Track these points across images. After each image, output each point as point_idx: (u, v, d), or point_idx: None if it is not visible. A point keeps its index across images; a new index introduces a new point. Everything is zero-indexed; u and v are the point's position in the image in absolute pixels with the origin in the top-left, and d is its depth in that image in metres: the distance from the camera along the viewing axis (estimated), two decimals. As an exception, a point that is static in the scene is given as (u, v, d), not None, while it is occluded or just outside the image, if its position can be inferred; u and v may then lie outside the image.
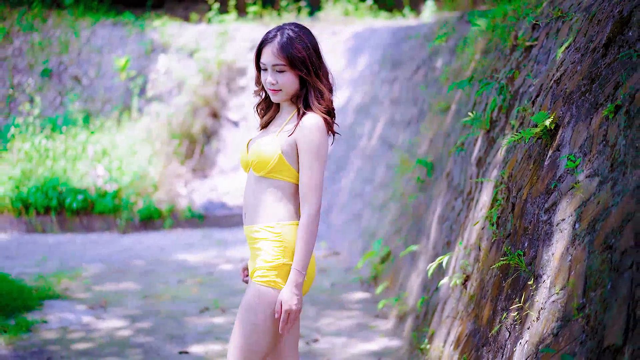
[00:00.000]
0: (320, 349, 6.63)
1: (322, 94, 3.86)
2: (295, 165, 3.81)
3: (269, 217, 3.81)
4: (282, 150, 3.80)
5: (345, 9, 16.47)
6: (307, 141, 3.76)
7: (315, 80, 3.85)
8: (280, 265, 3.74)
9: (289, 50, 3.80)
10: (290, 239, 3.77)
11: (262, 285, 3.74)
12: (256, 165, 3.84)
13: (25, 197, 12.25)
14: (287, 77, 3.83)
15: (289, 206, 3.83)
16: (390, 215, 8.70)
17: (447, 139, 7.22)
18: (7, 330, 6.98)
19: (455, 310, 5.16)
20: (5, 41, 16.19)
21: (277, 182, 3.82)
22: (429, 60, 9.42)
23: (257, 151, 3.84)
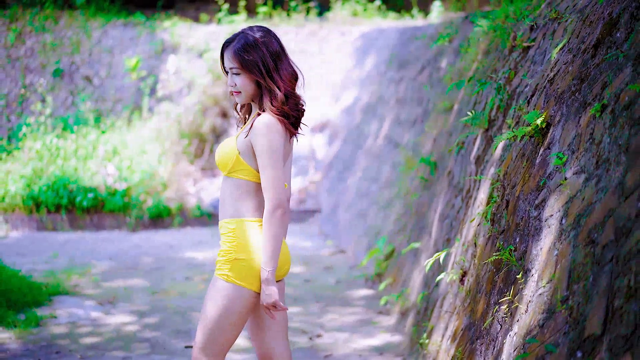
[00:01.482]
0: (323, 344, 6.75)
1: (275, 96, 3.95)
2: (253, 164, 3.95)
3: (228, 214, 3.98)
4: (239, 150, 3.95)
5: (354, 9, 16.58)
6: (259, 142, 3.88)
7: (269, 83, 3.95)
8: (232, 260, 3.90)
9: (241, 54, 3.94)
10: (243, 235, 3.92)
11: (217, 277, 3.94)
12: (219, 165, 4.03)
13: (36, 195, 12.41)
14: (242, 79, 3.97)
15: (249, 203, 3.97)
16: (394, 214, 8.81)
17: (450, 138, 7.33)
18: (17, 325, 7.12)
19: (453, 305, 5.28)
20: (18, 41, 16.36)
21: (238, 181, 3.97)
22: (434, 61, 9.52)
23: (219, 151, 4.04)
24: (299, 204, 13.45)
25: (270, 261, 3.84)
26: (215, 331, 3.93)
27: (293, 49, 15.85)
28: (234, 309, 3.90)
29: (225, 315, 3.90)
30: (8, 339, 6.83)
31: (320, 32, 15.94)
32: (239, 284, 3.88)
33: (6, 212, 12.45)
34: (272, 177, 3.86)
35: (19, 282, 8.06)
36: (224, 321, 3.91)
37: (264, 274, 3.84)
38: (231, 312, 3.90)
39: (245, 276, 3.88)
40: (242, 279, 3.88)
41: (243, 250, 3.90)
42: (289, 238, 11.74)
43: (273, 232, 3.84)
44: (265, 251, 3.85)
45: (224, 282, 3.90)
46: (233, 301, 3.89)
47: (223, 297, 3.89)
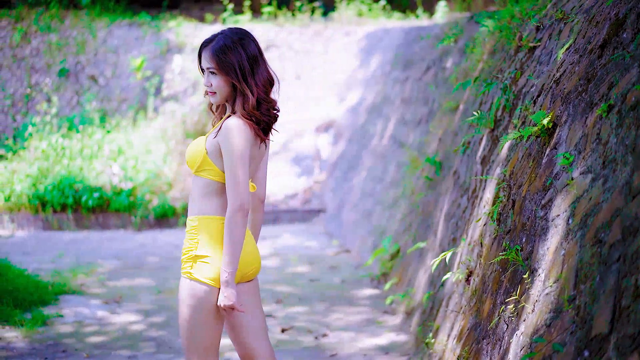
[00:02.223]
0: (328, 344, 6.77)
1: (248, 100, 3.95)
2: (220, 164, 3.95)
3: (194, 212, 3.99)
4: (207, 150, 3.97)
5: (359, 9, 16.60)
6: (225, 143, 3.89)
7: (244, 87, 3.95)
8: (192, 257, 3.91)
9: (219, 55, 3.94)
10: (205, 232, 3.92)
11: (183, 275, 3.95)
12: (188, 163, 4.06)
13: (42, 194, 12.45)
14: (218, 80, 3.96)
15: (212, 202, 3.97)
16: (400, 213, 8.82)
17: (455, 137, 7.34)
18: (23, 324, 7.14)
19: (459, 305, 5.29)
20: (23, 41, 16.40)
21: (204, 180, 3.98)
22: (439, 61, 9.54)
23: (189, 150, 4.06)
24: (304, 203, 13.46)
25: (230, 263, 3.83)
26: (192, 330, 3.93)
27: (298, 49, 15.88)
28: (201, 306, 3.89)
29: (195, 313, 3.90)
30: (15, 337, 6.85)
31: (325, 32, 15.96)
32: (202, 281, 3.87)
33: (12, 212, 12.49)
34: (235, 179, 3.87)
35: (25, 281, 8.09)
36: (196, 319, 3.91)
37: (223, 276, 3.84)
38: (199, 310, 3.90)
39: (208, 273, 3.88)
40: (204, 276, 3.88)
41: (204, 247, 3.90)
42: (295, 237, 11.77)
43: (233, 233, 3.83)
44: (225, 253, 3.84)
45: (187, 280, 3.91)
46: (199, 299, 3.88)
47: (189, 296, 3.90)
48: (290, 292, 8.56)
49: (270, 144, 14.90)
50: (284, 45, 15.93)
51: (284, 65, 15.69)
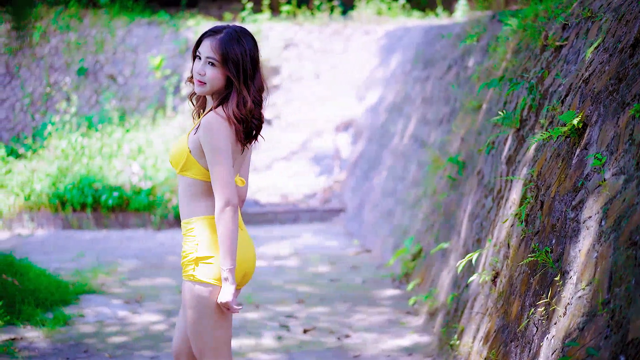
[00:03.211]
0: (351, 344, 6.73)
1: (246, 103, 3.89)
2: (202, 161, 3.90)
3: (187, 214, 3.95)
4: (190, 148, 3.90)
5: (379, 8, 16.54)
6: (206, 141, 3.84)
7: (242, 87, 3.90)
8: (194, 259, 3.89)
9: (226, 48, 3.88)
10: (203, 233, 3.89)
11: (185, 280, 3.92)
12: (172, 163, 3.99)
13: (62, 193, 12.45)
14: (215, 72, 3.89)
15: (202, 202, 3.92)
16: (422, 213, 8.77)
17: (479, 137, 7.28)
18: (45, 324, 7.14)
19: (485, 307, 5.23)
20: (42, 40, 16.43)
21: (190, 180, 3.92)
22: (460, 60, 9.47)
23: (172, 149, 4.00)
24: (324, 203, 13.42)
25: (226, 260, 3.81)
26: (205, 333, 3.90)
27: (317, 48, 15.84)
28: (209, 307, 3.86)
29: (204, 315, 3.87)
30: (37, 337, 6.85)
31: (345, 31, 15.91)
32: (206, 282, 3.85)
33: (32, 211, 12.50)
34: (219, 175, 3.83)
35: (46, 280, 8.09)
36: (207, 321, 3.88)
37: (223, 274, 3.82)
38: (208, 311, 3.87)
39: (211, 273, 3.86)
40: (208, 276, 3.85)
41: (205, 248, 3.88)
42: (315, 237, 11.73)
43: (225, 230, 3.81)
44: (222, 251, 3.82)
45: (190, 284, 3.89)
46: (205, 299, 3.86)
47: (195, 298, 3.87)
48: (311, 292, 8.53)
49: (290, 143, 14.92)
50: (303, 44, 15.89)
51: (303, 64, 15.66)
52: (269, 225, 12.78)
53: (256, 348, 6.66)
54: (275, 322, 7.40)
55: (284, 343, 6.80)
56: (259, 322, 7.42)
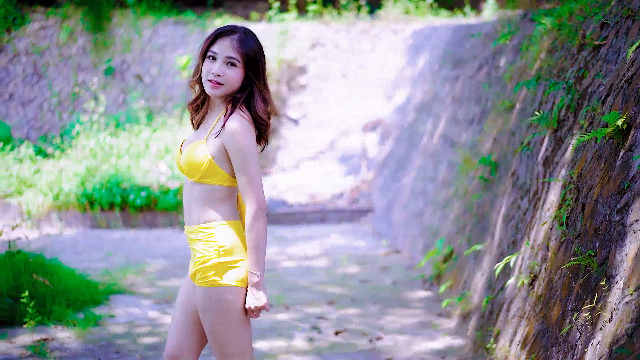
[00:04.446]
0: (383, 347, 6.67)
1: (267, 102, 3.88)
2: (225, 167, 3.82)
3: (204, 219, 3.85)
4: (211, 154, 3.81)
5: (406, 7, 16.46)
6: (236, 145, 3.76)
7: (262, 87, 3.87)
8: (215, 264, 3.79)
9: (247, 48, 3.82)
10: (226, 238, 3.82)
11: (205, 286, 3.82)
12: (188, 172, 3.86)
13: (90, 193, 12.47)
14: (235, 73, 3.81)
15: (225, 207, 3.86)
16: (452, 214, 8.69)
17: (512, 137, 7.20)
18: (76, 324, 7.13)
19: (522, 310, 5.16)
20: (70, 40, 16.49)
21: (210, 187, 3.83)
22: (492, 59, 9.38)
23: (188, 157, 3.85)
24: (351, 203, 13.37)
25: (259, 265, 3.78)
26: (230, 340, 3.84)
27: (344, 47, 15.78)
28: (234, 308, 3.81)
29: (229, 318, 3.81)
30: (68, 337, 6.84)
31: (372, 30, 15.85)
32: (228, 284, 3.79)
33: (60, 210, 12.52)
34: (252, 179, 3.77)
35: (76, 281, 8.08)
36: (232, 323, 3.82)
37: (253, 278, 3.78)
38: (233, 313, 3.81)
39: (232, 275, 3.80)
40: (232, 280, 3.79)
41: (226, 254, 3.81)
42: (343, 237, 11.68)
43: (259, 235, 3.77)
44: (253, 256, 3.77)
45: (213, 289, 3.80)
46: (230, 302, 3.80)
47: (219, 302, 3.80)
48: (341, 293, 8.47)
49: (317, 143, 14.87)
50: (330, 43, 15.84)
51: (329, 63, 15.61)
52: (297, 225, 12.74)
53: (288, 350, 6.62)
54: (306, 324, 7.35)
55: (316, 345, 6.75)
56: (290, 323, 7.38)
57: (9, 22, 16.73)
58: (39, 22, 16.86)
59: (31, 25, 16.80)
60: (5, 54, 16.69)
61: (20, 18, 16.82)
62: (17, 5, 16.91)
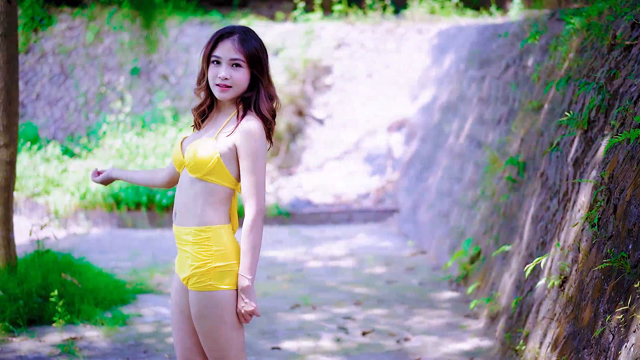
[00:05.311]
0: (411, 348, 6.65)
1: (272, 98, 3.86)
2: (231, 168, 3.79)
3: (200, 221, 3.80)
4: (220, 152, 3.78)
5: (431, 7, 16.42)
6: (249, 146, 3.74)
7: (267, 83, 3.86)
8: (211, 269, 3.76)
9: (249, 47, 3.80)
10: (220, 243, 3.78)
11: (200, 291, 3.79)
12: (193, 167, 3.81)
13: (116, 193, 12.53)
14: (241, 73, 3.80)
15: (221, 210, 3.82)
16: (480, 215, 8.66)
17: (540, 138, 7.16)
18: (104, 323, 7.16)
19: (552, 312, 5.13)
20: (96, 40, 16.58)
21: (212, 186, 3.79)
22: (519, 59, 9.34)
23: (195, 152, 3.80)
24: (377, 203, 13.35)
25: (251, 269, 3.75)
26: (225, 343, 3.81)
27: (369, 47, 15.76)
28: (229, 312, 3.79)
29: (224, 323, 3.79)
30: (96, 337, 6.87)
31: (397, 30, 15.82)
32: (225, 287, 3.76)
33: (87, 210, 12.60)
34: (258, 182, 3.74)
35: (104, 280, 8.12)
36: (228, 329, 3.80)
37: (244, 282, 3.75)
38: (228, 316, 3.79)
39: (226, 279, 3.77)
40: (223, 282, 3.76)
41: (221, 258, 3.77)
42: (369, 237, 11.67)
43: (256, 238, 3.74)
44: (247, 259, 3.74)
45: (208, 293, 3.77)
46: (226, 305, 3.78)
47: (215, 307, 3.77)
48: (368, 293, 8.46)
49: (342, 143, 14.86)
50: (355, 43, 15.83)
51: (355, 63, 15.60)
52: (323, 225, 12.75)
53: (315, 350, 6.62)
54: (333, 324, 7.35)
55: (343, 345, 6.74)
56: (317, 323, 7.38)
57: (36, 23, 16.85)
58: (66, 22, 16.97)
59: (58, 25, 16.91)
60: (32, 54, 16.81)
61: (47, 18, 16.94)
62: (44, 6, 17.03)
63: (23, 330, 6.88)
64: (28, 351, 6.44)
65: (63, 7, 17.15)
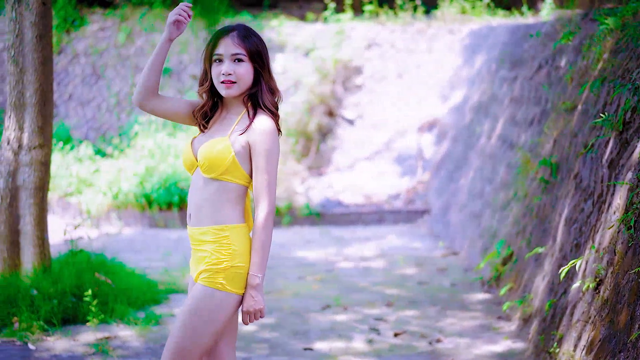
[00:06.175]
0: (443, 349, 6.64)
1: (273, 92, 3.88)
2: (245, 166, 3.80)
3: (216, 220, 3.81)
4: (234, 151, 3.78)
5: (462, 7, 16.37)
6: (262, 145, 3.75)
7: (268, 77, 3.88)
8: (227, 268, 3.76)
9: (249, 41, 3.84)
10: (239, 242, 3.79)
11: (208, 287, 3.77)
12: (207, 168, 3.80)
13: (148, 193, 12.60)
14: (244, 68, 3.82)
15: (237, 209, 3.83)
16: (512, 216, 8.62)
17: (574, 139, 7.12)
18: (137, 323, 7.21)
19: (587, 315, 5.10)
20: (128, 41, 16.67)
21: (227, 185, 3.80)
22: (552, 59, 9.29)
23: (209, 152, 3.80)
24: (407, 203, 13.33)
25: (262, 268, 3.76)
26: (198, 339, 3.78)
27: (400, 47, 15.74)
28: (224, 317, 3.79)
29: (213, 322, 3.77)
30: (130, 336, 6.92)
31: (428, 31, 15.78)
32: (232, 290, 3.77)
33: (119, 209, 12.67)
34: (270, 181, 3.76)
35: (137, 280, 8.18)
36: (211, 329, 3.78)
37: (255, 280, 3.76)
38: (221, 321, 3.79)
39: (238, 283, 3.78)
40: (234, 286, 3.77)
41: (239, 258, 3.77)
42: (399, 238, 11.66)
43: (267, 237, 3.76)
44: (258, 257, 3.75)
45: (214, 291, 3.75)
46: (224, 309, 3.78)
47: (215, 305, 3.76)
48: (399, 294, 8.45)
49: (373, 143, 14.85)
50: (386, 43, 15.81)
51: (385, 64, 15.58)
52: (353, 225, 12.75)
53: (347, 351, 6.62)
54: (365, 325, 7.35)
55: (375, 346, 6.74)
56: (349, 324, 7.38)
57: (68, 24, 16.97)
58: (98, 23, 17.08)
59: (90, 26, 17.02)
60: (64, 55, 16.93)
61: (79, 19, 17.06)
62: (77, 7, 17.15)
63: (57, 330, 6.94)
64: (62, 350, 6.50)
65: (95, 8, 17.26)
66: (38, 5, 7.19)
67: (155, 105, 4.01)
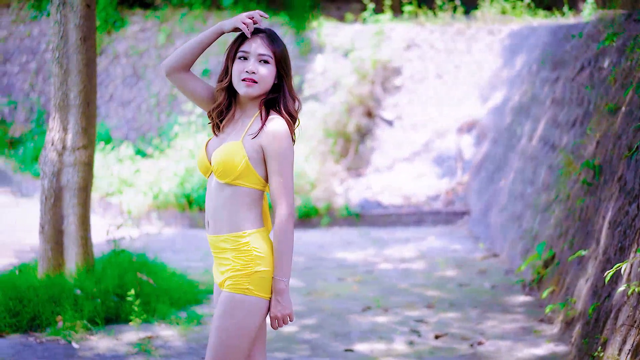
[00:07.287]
0: (485, 352, 6.62)
1: (293, 99, 3.86)
2: (259, 170, 3.78)
3: (235, 227, 3.78)
4: (248, 155, 3.76)
5: (503, 7, 16.27)
6: (276, 147, 3.73)
7: (290, 85, 3.87)
8: (251, 273, 3.75)
9: (277, 45, 3.83)
10: (259, 246, 3.77)
11: (235, 292, 3.76)
12: (221, 173, 3.78)
13: (188, 193, 12.67)
14: (269, 70, 3.80)
15: (254, 213, 3.80)
16: (553, 218, 8.56)
17: (617, 141, 7.05)
18: (179, 323, 7.26)
19: (632, 319, 5.06)
20: (168, 42, 16.78)
21: (242, 189, 3.78)
22: (594, 60, 9.21)
23: (222, 157, 3.78)
24: (446, 205, 13.28)
25: (286, 272, 3.75)
26: (234, 347, 3.77)
27: (439, 48, 15.69)
28: (255, 322, 3.78)
29: (246, 327, 3.76)
30: (171, 336, 6.97)
31: (468, 31, 15.71)
32: (260, 295, 3.76)
33: (159, 210, 12.76)
34: (287, 183, 3.74)
35: (178, 280, 8.24)
36: (245, 335, 3.77)
37: (280, 285, 3.75)
38: (253, 327, 3.78)
39: (264, 287, 3.76)
40: (262, 290, 3.76)
41: (262, 262, 3.76)
42: (439, 240, 11.63)
43: (289, 241, 3.74)
44: (282, 261, 3.74)
45: (244, 297, 3.74)
46: (255, 315, 3.76)
47: (245, 311, 3.75)
48: (440, 296, 8.43)
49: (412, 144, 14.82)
50: (425, 44, 15.76)
51: (425, 64, 15.54)
52: (392, 227, 12.73)
53: (388, 353, 6.62)
54: (405, 327, 7.34)
55: (416, 348, 6.74)
56: (389, 326, 7.38)
57: (109, 25, 17.13)
58: (138, 24, 17.21)
59: (130, 27, 17.16)
60: (105, 56, 17.09)
61: (120, 21, 17.21)
62: (117, 8, 17.29)
63: (101, 329, 7.01)
64: (106, 349, 6.56)
65: (135, 9, 17.40)
66: (82, 8, 7.27)
67: (182, 79, 3.99)
